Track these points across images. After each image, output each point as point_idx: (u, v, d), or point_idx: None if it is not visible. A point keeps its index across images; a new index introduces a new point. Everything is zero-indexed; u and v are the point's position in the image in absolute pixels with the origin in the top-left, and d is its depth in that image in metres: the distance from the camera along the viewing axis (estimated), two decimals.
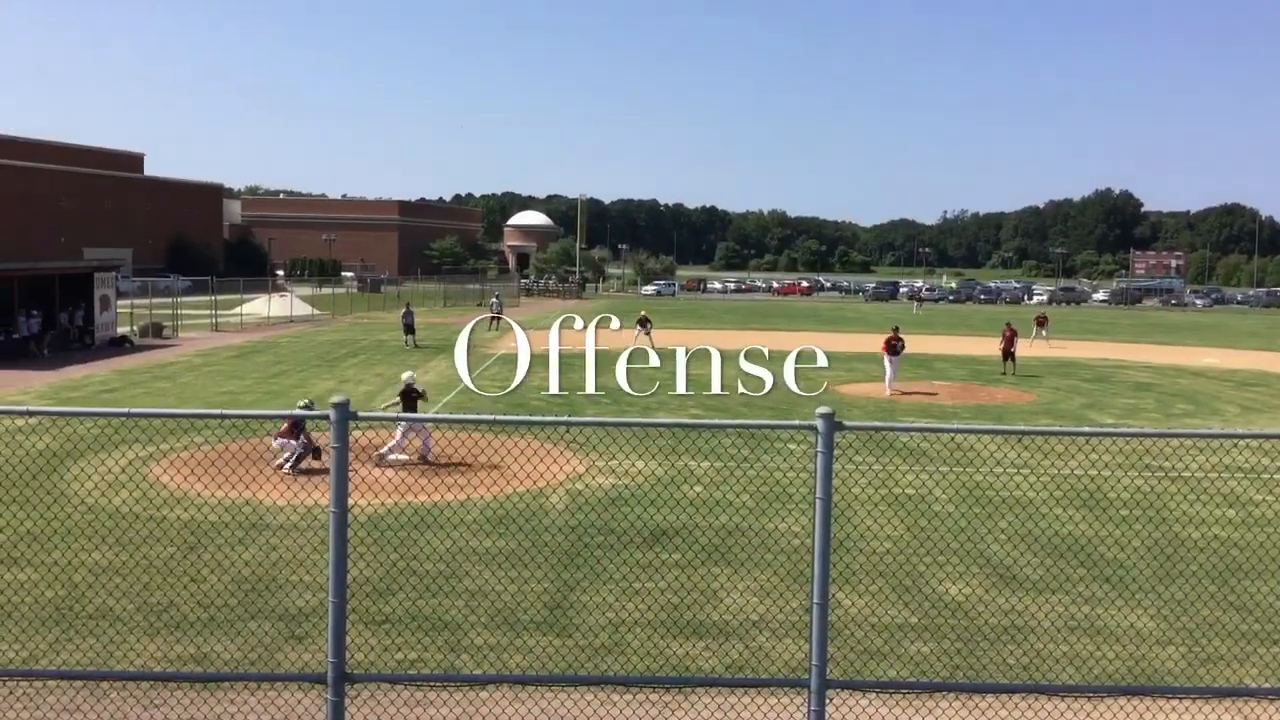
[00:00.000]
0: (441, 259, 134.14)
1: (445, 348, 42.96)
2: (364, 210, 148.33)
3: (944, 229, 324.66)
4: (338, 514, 6.82)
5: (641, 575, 11.96)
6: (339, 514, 6.82)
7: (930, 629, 10.63)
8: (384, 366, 35.57)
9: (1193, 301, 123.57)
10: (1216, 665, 9.83)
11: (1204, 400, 30.71)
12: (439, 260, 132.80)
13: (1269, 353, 50.31)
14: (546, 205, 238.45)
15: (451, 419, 13.01)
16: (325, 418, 6.86)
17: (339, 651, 6.93)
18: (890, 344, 31.17)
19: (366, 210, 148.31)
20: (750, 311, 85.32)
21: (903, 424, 23.27)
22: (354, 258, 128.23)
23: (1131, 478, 18.04)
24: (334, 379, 31.88)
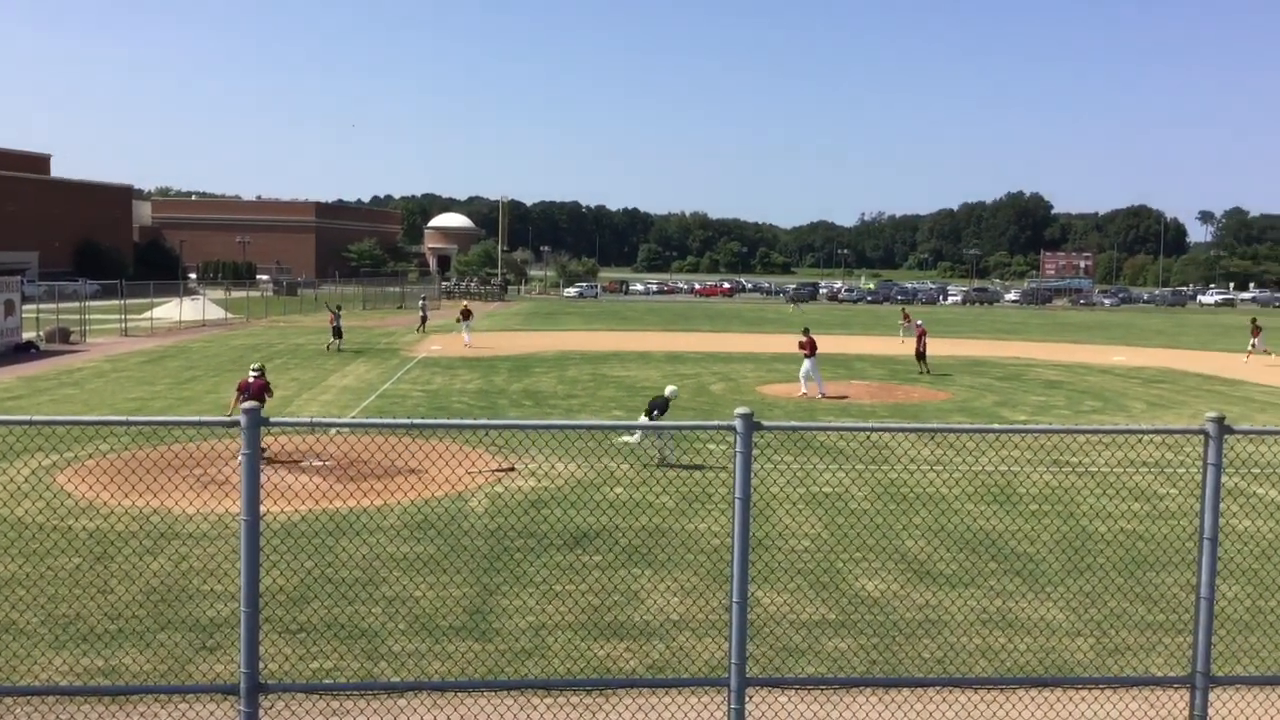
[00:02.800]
0: (360, 261, 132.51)
1: (365, 351, 42.45)
2: (279, 212, 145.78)
3: (862, 231, 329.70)
4: (249, 521, 6.69)
5: (563, 578, 11.92)
6: (250, 521, 6.69)
7: (848, 625, 10.76)
8: (301, 371, 34.99)
9: (1101, 301, 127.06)
10: (1124, 655, 10.10)
11: (1112, 397, 31.57)
12: (358, 263, 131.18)
13: (1174, 350, 51.94)
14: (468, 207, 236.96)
15: (369, 423, 12.81)
16: (236, 424, 6.73)
17: (252, 662, 6.79)
18: (806, 345, 30.82)
19: (282, 212, 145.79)
20: (673, 313, 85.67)
21: (820, 423, 23.55)
22: (269, 260, 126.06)
23: (1041, 473, 18.50)
24: None
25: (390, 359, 39.96)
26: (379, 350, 43.76)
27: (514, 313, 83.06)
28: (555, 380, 33.67)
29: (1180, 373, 39.82)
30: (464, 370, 36.12)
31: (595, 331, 60.53)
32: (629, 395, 30.02)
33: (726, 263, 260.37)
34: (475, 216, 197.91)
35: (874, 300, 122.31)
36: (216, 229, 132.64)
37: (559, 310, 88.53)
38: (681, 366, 38.92)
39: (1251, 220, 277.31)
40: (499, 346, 46.88)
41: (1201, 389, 34.27)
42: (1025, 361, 44.00)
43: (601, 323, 70.15)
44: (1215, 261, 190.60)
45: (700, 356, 43.48)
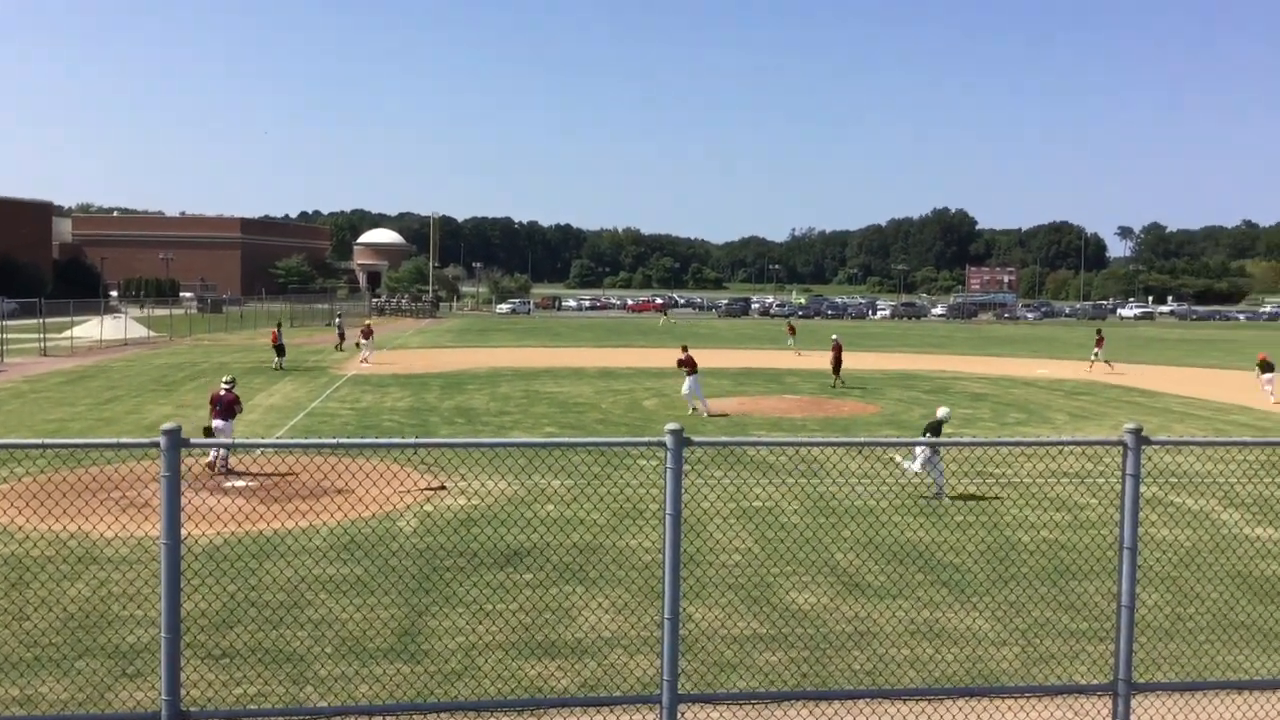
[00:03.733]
0: (288, 278, 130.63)
1: (293, 369, 41.81)
2: (204, 228, 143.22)
3: (793, 246, 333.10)
4: (169, 545, 6.53)
5: (495, 597, 11.82)
6: (171, 545, 6.53)
7: (779, 638, 10.81)
8: None
9: (1024, 315, 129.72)
10: (1049, 664, 10.27)
11: (1035, 409, 32.20)
12: (285, 279, 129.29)
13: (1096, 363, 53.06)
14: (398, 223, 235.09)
15: (294, 443, 12.63)
16: (155, 445, 6.57)
17: (173, 689, 6.63)
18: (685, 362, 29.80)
19: (206, 228, 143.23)
20: (605, 329, 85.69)
21: (751, 438, 23.69)
22: (193, 277, 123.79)
23: (968, 484, 18.78)
24: (171, 404, 30.60)
25: (319, 377, 39.41)
26: (307, 368, 43.14)
27: (446, 329, 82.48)
28: (487, 397, 33.46)
29: (1101, 385, 40.74)
30: (394, 388, 35.75)
31: (528, 348, 60.35)
32: (561, 412, 29.93)
33: (659, 278, 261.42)
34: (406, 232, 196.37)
35: (805, 315, 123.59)
36: (139, 246, 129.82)
37: (491, 327, 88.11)
38: (615, 382, 38.92)
39: (1169, 235, 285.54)
40: (430, 364, 46.48)
41: (1121, 400, 35.10)
42: (952, 375, 44.73)
43: (534, 339, 69.95)
44: (1134, 276, 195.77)
45: (633, 372, 43.52)
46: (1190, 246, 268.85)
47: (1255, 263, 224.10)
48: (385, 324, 62.64)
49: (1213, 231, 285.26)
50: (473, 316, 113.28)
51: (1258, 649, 10.67)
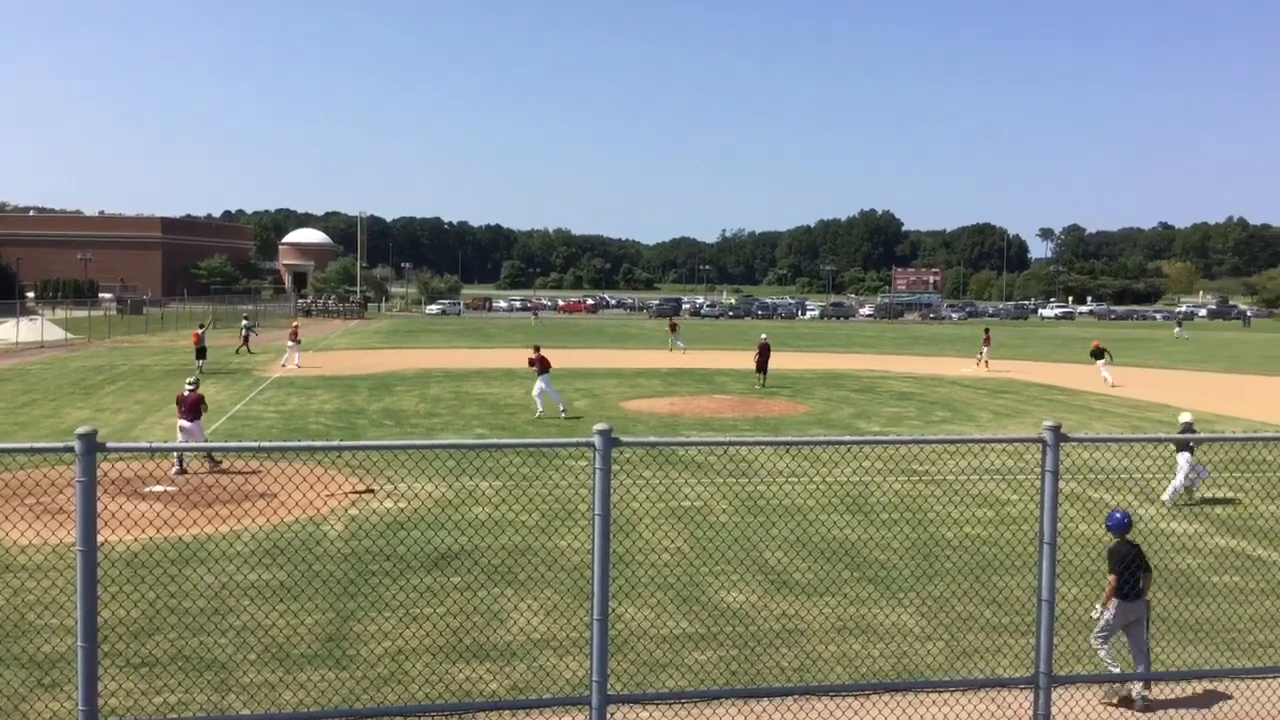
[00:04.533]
0: (210, 279, 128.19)
1: (216, 371, 41.00)
2: (123, 228, 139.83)
3: (723, 247, 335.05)
4: (85, 552, 6.35)
5: (423, 600, 11.70)
6: (87, 552, 6.35)
7: (710, 637, 10.85)
8: (147, 393, 33.58)
9: (949, 315, 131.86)
10: (973, 658, 10.44)
11: (960, 407, 32.75)
12: (207, 280, 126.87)
13: (1018, 361, 54.22)
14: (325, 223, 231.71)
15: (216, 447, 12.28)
16: (70, 450, 6.39)
17: (90, 699, 6.45)
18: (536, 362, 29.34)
19: (126, 228, 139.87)
20: (536, 330, 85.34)
21: (680, 438, 23.77)
22: (113, 278, 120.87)
23: (894, 482, 19.05)
24: (90, 408, 29.84)
25: (242, 379, 38.70)
26: (231, 370, 42.34)
27: (374, 330, 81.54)
28: (417, 399, 33.15)
29: (1023, 383, 41.57)
30: (321, 390, 35.24)
31: (458, 349, 59.89)
32: (492, 413, 29.75)
33: (590, 279, 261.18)
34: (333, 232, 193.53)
35: (735, 315, 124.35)
36: (56, 246, 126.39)
37: (421, 328, 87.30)
38: None
39: (1088, 237, 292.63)
40: (358, 365, 45.90)
41: (1043, 398, 35.85)
42: (879, 374, 45.31)
43: (464, 340, 69.44)
44: (1055, 276, 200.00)
45: (564, 373, 43.36)
46: (1109, 248, 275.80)
47: (1170, 263, 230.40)
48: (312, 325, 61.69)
49: (1130, 233, 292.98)
50: (402, 318, 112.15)
51: (1173, 641, 10.96)
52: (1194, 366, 53.65)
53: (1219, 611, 11.94)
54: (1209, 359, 59.85)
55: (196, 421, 20.22)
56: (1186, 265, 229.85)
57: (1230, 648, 10.85)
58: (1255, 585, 13.25)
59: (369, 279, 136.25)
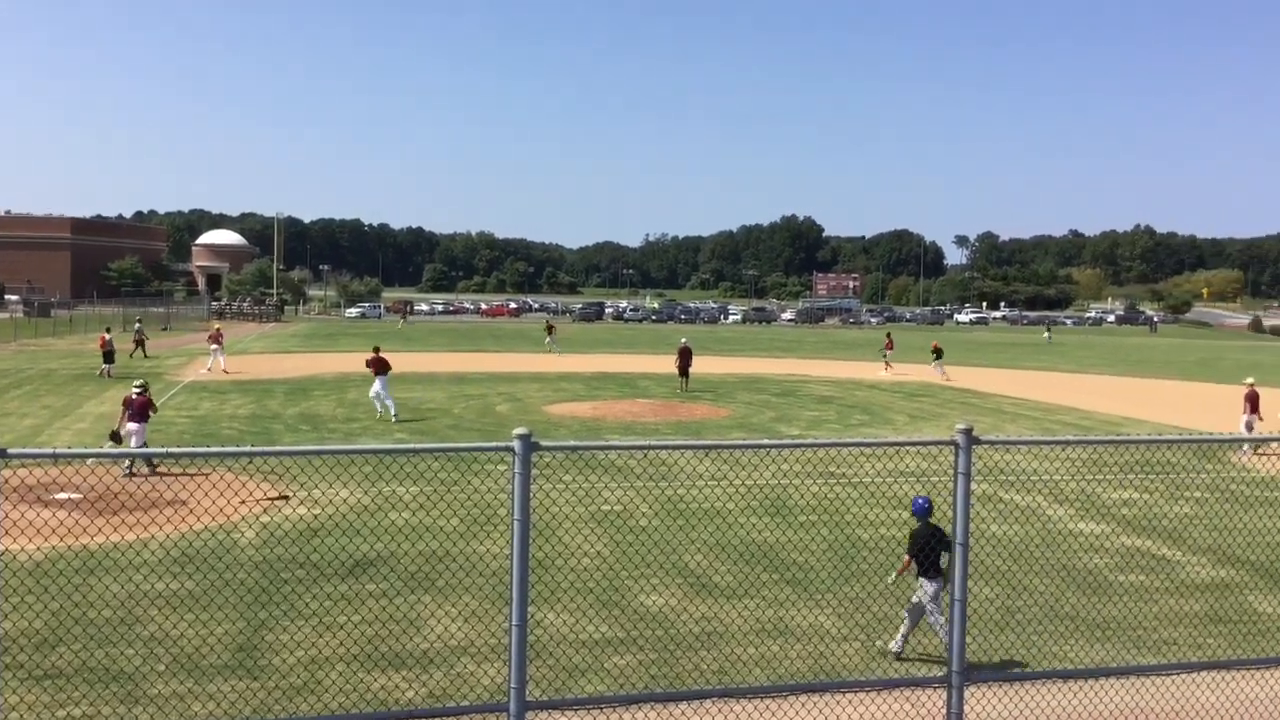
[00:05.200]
0: (121, 280, 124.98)
1: (124, 376, 39.91)
2: (30, 228, 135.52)
3: (647, 251, 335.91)
4: None
5: (340, 608, 11.52)
6: None
7: (630, 641, 10.84)
8: (54, 398, 32.58)
9: (868, 320, 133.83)
10: (889, 658, 10.58)
11: (878, 411, 33.23)
12: (118, 282, 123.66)
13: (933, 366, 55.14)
14: (240, 224, 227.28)
15: (124, 453, 11.96)
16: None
17: None
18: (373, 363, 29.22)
19: (33, 228, 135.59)
20: (457, 333, 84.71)
21: (600, 442, 23.74)
22: (19, 280, 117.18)
23: (813, 485, 19.24)
24: None
25: (153, 384, 37.67)
26: (142, 374, 41.26)
27: (291, 334, 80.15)
28: (334, 404, 32.65)
29: (939, 386, 42.33)
30: (235, 395, 34.53)
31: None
32: (412, 417, 29.41)
33: (513, 282, 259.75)
34: (249, 234, 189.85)
35: (658, 319, 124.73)
36: None
37: (339, 331, 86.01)
38: (467, 387, 38.49)
39: (1002, 244, 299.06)
40: (274, 369, 45.07)
41: (957, 402, 36.54)
42: (800, 378, 45.78)
43: (384, 343, 68.49)
44: (970, 282, 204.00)
45: (486, 377, 43.14)
46: (1021, 255, 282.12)
47: (1081, 270, 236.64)
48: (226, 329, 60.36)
49: (1042, 241, 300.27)
50: (320, 321, 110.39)
51: (1083, 639, 11.23)
52: (1103, 371, 55.17)
53: (1125, 610, 12.27)
54: (1117, 364, 61.60)
55: (143, 425, 20.33)
56: (1096, 272, 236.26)
57: (1137, 645, 11.14)
58: (1160, 584, 13.64)
59: (286, 281, 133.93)
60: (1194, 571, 14.31)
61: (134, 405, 20.37)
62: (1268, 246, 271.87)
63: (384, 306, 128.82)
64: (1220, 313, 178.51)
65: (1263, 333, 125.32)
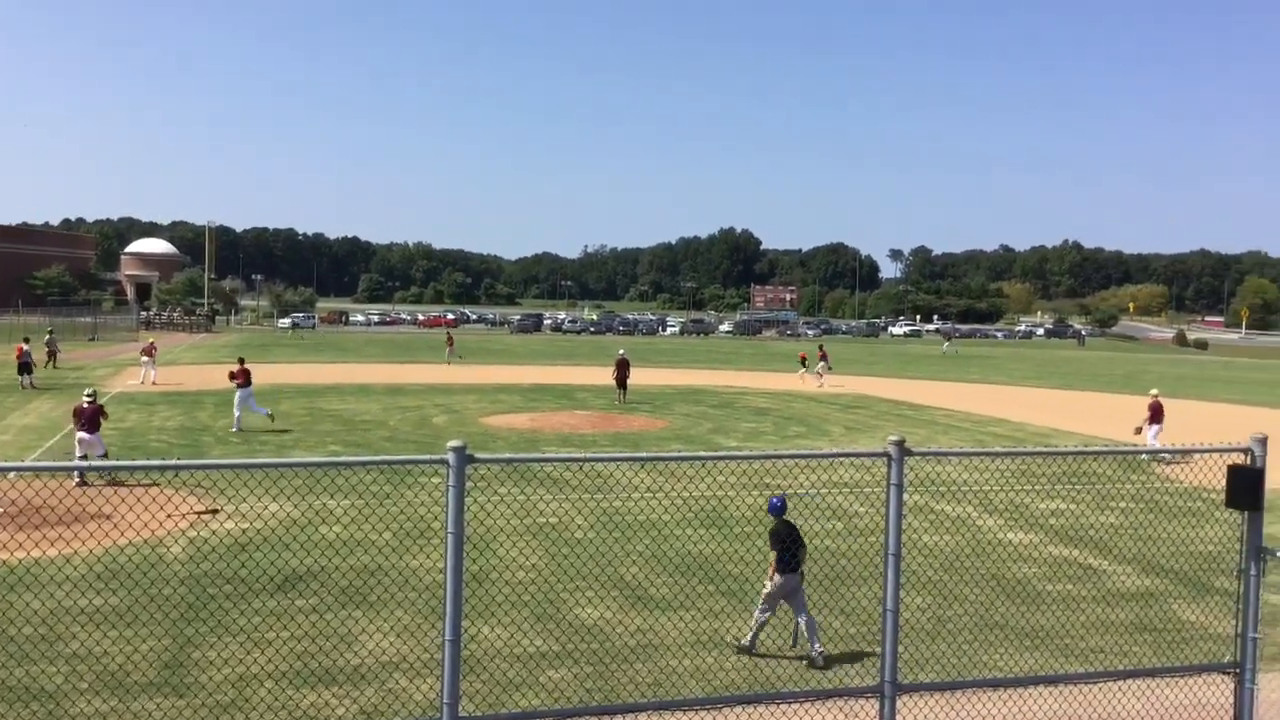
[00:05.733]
0: (48, 289, 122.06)
1: (49, 388, 38.96)
2: None
3: (585, 263, 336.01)
4: None
5: (270, 624, 11.31)
6: None
7: (566, 655, 10.78)
8: None
9: (804, 332, 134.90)
10: (824, 668, 10.63)
11: (814, 422, 33.50)
12: (45, 291, 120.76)
13: (868, 378, 55.83)
14: (171, 232, 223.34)
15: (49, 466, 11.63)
16: None
17: None
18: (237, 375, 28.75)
19: None
20: (393, 344, 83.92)
21: (535, 454, 23.63)
22: None
23: (750, 496, 19.32)
24: None
25: (79, 395, 36.84)
26: (67, 385, 40.27)
27: (222, 345, 78.75)
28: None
29: (875, 398, 42.81)
30: (164, 406, 33.84)
31: (312, 364, 58.38)
32: (347, 430, 29.05)
33: (451, 293, 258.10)
34: (179, 242, 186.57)
35: (597, 331, 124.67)
36: None
37: (272, 342, 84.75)
38: (403, 399, 38.11)
39: (935, 258, 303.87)
40: (204, 381, 44.25)
41: (892, 413, 36.97)
42: (738, 390, 46.01)
43: (319, 354, 67.73)
44: (904, 296, 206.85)
45: (423, 388, 42.77)
46: (954, 269, 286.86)
47: (1011, 284, 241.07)
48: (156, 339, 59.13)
49: (974, 255, 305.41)
50: (252, 331, 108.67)
51: (1014, 647, 11.39)
52: (1033, 383, 56.19)
53: (1054, 619, 12.47)
54: (1047, 376, 62.78)
55: (96, 434, 20.29)
56: (1025, 286, 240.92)
57: (1065, 654, 11.32)
58: (1088, 593, 13.88)
59: (217, 291, 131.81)
60: (1120, 581, 14.59)
61: (85, 415, 20.32)
62: (1191, 262, 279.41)
63: (317, 317, 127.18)
64: (1146, 327, 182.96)
65: (1187, 346, 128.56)
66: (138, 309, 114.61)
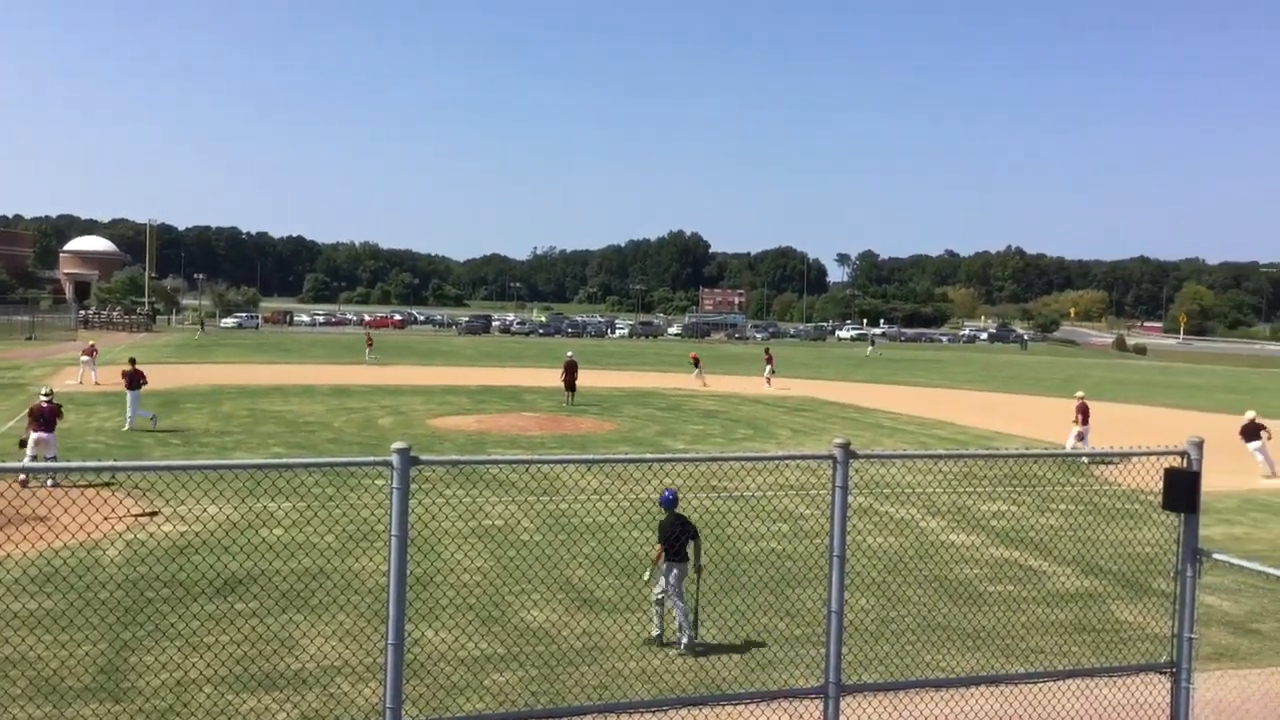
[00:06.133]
0: None
1: None
2: None
3: (534, 265, 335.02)
4: None
5: (210, 628, 11.13)
6: None
7: (512, 658, 10.72)
8: None
9: (753, 335, 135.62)
10: (769, 669, 10.68)
11: (762, 425, 33.66)
12: None
13: (816, 381, 56.23)
14: (111, 230, 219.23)
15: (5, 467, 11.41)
16: None
17: None
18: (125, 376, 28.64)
19: None
20: (339, 345, 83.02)
21: (480, 456, 23.51)
22: None
23: (698, 498, 19.35)
24: None
25: (15, 395, 36.03)
26: (3, 385, 39.41)
27: (163, 344, 77.46)
28: (208, 416, 31.64)
29: (821, 401, 43.12)
30: (102, 407, 33.19)
31: (255, 364, 57.60)
32: (290, 431, 28.69)
33: (398, 294, 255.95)
34: (120, 240, 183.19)
35: (546, 333, 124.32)
36: None
37: (214, 342, 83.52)
38: (349, 400, 37.72)
39: (881, 263, 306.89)
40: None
41: (839, 416, 37.26)
42: (686, 393, 46.10)
43: (262, 355, 66.84)
44: (851, 300, 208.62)
45: (368, 390, 42.36)
46: (900, 273, 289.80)
47: (955, 289, 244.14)
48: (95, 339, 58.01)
49: (919, 260, 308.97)
50: (194, 331, 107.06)
51: (956, 648, 11.51)
52: (977, 387, 56.93)
53: (996, 619, 12.62)
54: (990, 380, 63.63)
55: (52, 434, 20.12)
56: (970, 291, 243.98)
57: (1006, 654, 11.46)
58: (1029, 594, 14.07)
59: (159, 290, 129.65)
60: (1061, 582, 14.81)
61: (43, 414, 20.19)
62: (1131, 268, 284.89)
63: (261, 317, 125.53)
64: (1087, 331, 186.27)
65: (1126, 351, 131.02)
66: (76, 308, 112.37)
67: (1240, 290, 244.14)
